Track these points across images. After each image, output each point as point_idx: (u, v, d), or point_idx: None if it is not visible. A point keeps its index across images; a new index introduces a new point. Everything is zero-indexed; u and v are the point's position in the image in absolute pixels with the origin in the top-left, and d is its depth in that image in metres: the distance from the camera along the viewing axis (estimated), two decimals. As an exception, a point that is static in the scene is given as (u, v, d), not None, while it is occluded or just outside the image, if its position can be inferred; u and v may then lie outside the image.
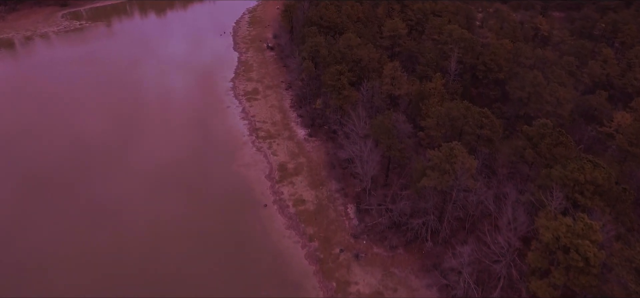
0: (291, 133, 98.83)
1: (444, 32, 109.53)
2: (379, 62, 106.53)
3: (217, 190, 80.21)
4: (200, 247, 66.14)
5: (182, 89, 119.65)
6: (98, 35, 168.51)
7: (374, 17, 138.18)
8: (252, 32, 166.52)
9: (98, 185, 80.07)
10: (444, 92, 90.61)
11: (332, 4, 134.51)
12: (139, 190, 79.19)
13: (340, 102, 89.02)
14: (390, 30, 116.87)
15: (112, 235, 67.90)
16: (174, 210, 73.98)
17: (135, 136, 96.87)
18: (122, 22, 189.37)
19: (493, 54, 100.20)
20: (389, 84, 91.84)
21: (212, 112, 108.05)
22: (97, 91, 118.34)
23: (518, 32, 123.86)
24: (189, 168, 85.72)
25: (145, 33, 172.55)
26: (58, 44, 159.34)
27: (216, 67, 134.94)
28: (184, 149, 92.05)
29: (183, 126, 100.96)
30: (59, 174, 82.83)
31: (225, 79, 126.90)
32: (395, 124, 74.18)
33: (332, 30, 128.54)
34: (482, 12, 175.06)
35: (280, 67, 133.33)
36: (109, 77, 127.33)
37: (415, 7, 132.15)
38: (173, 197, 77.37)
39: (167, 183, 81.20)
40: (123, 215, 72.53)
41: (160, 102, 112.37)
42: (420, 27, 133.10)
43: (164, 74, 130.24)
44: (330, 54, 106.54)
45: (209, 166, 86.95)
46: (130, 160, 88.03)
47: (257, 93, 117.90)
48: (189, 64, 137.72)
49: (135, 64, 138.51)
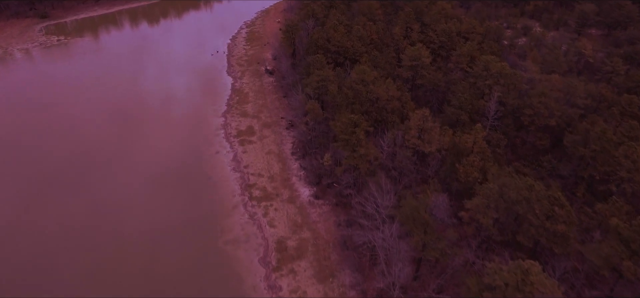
0: (292, 193, 79.98)
1: (478, 63, 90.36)
2: (399, 101, 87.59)
3: (197, 282, 61.51)
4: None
5: (161, 128, 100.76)
6: (72, 53, 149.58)
7: (390, 39, 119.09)
8: (249, 51, 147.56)
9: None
10: (486, 148, 71.63)
11: (341, 24, 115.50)
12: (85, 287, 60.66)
13: (356, 163, 70.07)
14: (412, 58, 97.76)
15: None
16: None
17: (88, 209, 77.53)
18: (106, 37, 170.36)
19: (542, 94, 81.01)
20: (415, 137, 72.89)
21: (197, 160, 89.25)
22: (37, 134, 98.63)
23: (561, 59, 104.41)
24: (160, 249, 66.99)
25: (129, 50, 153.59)
26: (21, 65, 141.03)
27: (206, 97, 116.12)
28: (157, 218, 73.33)
29: (158, 181, 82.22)
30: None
31: (215, 113, 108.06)
32: (432, 211, 55.26)
33: (342, 56, 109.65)
34: (509, 28, 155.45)
35: (280, 97, 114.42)
36: (60, 117, 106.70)
37: (439, 29, 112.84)
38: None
39: (125, 275, 62.48)
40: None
41: (131, 147, 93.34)
42: (445, 52, 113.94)
43: (140, 106, 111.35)
44: (341, 91, 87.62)
45: (187, 243, 68.23)
46: (71, 256, 69.32)
47: (253, 133, 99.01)
48: (173, 93, 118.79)
49: (107, 91, 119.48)
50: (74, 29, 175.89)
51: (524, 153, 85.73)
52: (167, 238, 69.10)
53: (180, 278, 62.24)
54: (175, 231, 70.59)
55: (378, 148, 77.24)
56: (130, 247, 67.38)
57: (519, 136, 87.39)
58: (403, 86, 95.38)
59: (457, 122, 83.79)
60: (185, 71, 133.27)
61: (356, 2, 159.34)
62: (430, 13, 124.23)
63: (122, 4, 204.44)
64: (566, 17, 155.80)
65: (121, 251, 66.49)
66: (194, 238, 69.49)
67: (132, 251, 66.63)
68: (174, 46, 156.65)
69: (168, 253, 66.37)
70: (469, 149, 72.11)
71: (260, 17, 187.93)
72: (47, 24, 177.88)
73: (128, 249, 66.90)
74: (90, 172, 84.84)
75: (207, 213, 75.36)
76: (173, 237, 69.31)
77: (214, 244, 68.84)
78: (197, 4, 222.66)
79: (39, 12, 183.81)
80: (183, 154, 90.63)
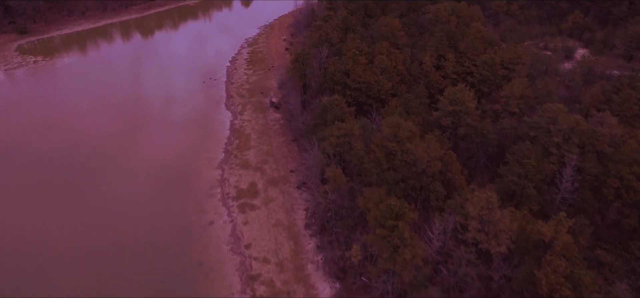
0: (308, 291, 61.09)
1: (541, 113, 71.35)
2: (442, 162, 68.68)
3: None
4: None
5: (140, 187, 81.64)
6: (42, 80, 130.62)
7: (419, 70, 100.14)
8: (252, 77, 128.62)
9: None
10: (572, 246, 52.83)
11: (361, 53, 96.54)
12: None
13: (399, 269, 51.10)
14: (453, 102, 78.97)
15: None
16: None
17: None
18: (85, 57, 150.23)
19: (635, 163, 62.03)
20: (476, 229, 53.95)
21: (186, 237, 70.28)
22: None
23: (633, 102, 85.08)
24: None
25: (113, 71, 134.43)
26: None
27: (199, 140, 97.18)
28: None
29: (129, 277, 63.20)
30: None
31: (210, 163, 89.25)
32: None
33: (364, 93, 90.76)
34: (547, 48, 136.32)
35: (288, 141, 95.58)
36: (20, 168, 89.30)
37: (480, 61, 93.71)
38: None
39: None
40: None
41: (98, 223, 73.20)
42: (487, 87, 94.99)
43: (115, 153, 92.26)
44: (369, 151, 68.75)
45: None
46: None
47: (256, 194, 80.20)
48: (158, 135, 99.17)
49: (75, 134, 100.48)
50: (55, 47, 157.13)
51: (604, 234, 66.74)
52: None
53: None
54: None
55: (422, 237, 58.36)
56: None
57: (598, 210, 68.44)
58: (443, 137, 76.67)
59: (521, 195, 64.97)
60: (175, 104, 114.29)
61: (374, 20, 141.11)
62: (466, 38, 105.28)
63: (110, 17, 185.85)
64: (612, 38, 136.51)
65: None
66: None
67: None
68: (164, 69, 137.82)
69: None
70: (547, 244, 53.48)
71: (263, 34, 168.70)
72: (26, 41, 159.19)
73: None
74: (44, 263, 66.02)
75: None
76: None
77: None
78: (194, 15, 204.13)
79: (19, 27, 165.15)
80: (167, 230, 71.55)
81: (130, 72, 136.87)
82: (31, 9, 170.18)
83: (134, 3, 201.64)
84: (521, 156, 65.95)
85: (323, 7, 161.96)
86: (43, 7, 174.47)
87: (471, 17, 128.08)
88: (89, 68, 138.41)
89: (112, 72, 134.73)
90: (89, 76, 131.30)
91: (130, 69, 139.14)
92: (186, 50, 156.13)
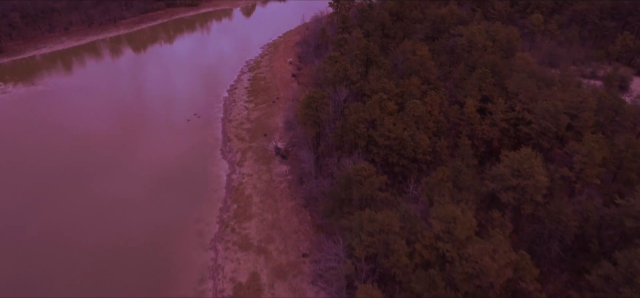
0: None
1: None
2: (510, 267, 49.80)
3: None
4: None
5: (104, 280, 63.01)
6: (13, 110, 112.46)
7: (459, 116, 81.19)
8: (253, 113, 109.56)
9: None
10: None
11: (389, 98, 77.61)
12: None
13: None
14: (516, 173, 60.00)
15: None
16: None
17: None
18: (55, 82, 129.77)
19: None
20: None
21: None
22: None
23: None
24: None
25: (85, 108, 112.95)
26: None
27: (188, 203, 78.24)
28: None
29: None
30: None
31: (200, 239, 70.40)
32: None
33: (396, 153, 71.80)
34: (594, 76, 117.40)
35: (298, 206, 76.75)
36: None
37: (540, 109, 74.37)
38: None
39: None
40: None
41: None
42: (547, 142, 75.77)
43: (72, 236, 73.75)
44: (414, 255, 49.97)
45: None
46: None
47: (258, 291, 61.33)
48: (134, 196, 79.49)
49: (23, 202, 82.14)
50: (27, 70, 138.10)
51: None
52: None
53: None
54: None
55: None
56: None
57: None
58: (504, 221, 57.98)
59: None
60: (158, 147, 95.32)
61: (393, 41, 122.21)
62: (513, 73, 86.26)
63: (96, 34, 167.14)
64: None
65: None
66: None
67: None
68: (150, 100, 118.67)
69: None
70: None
71: (266, 55, 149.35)
72: (11, 59, 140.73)
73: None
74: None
75: None
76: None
77: None
78: (191, 28, 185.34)
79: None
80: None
81: (118, 105, 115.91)
82: (6, 25, 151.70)
83: (123, 17, 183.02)
84: (629, 268, 46.98)
85: (334, 24, 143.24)
86: (20, 23, 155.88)
87: (509, 42, 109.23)
88: (61, 100, 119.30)
89: (96, 105, 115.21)
90: (61, 113, 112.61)
91: (117, 102, 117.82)
92: (179, 76, 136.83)
